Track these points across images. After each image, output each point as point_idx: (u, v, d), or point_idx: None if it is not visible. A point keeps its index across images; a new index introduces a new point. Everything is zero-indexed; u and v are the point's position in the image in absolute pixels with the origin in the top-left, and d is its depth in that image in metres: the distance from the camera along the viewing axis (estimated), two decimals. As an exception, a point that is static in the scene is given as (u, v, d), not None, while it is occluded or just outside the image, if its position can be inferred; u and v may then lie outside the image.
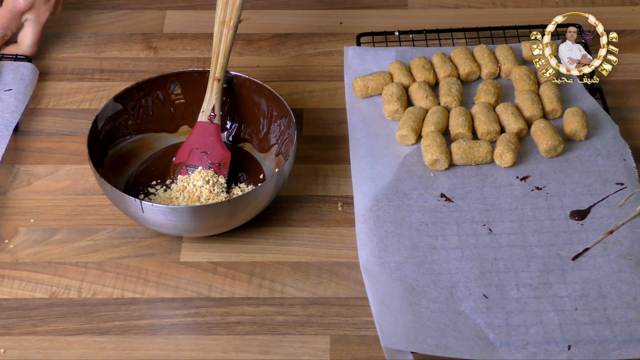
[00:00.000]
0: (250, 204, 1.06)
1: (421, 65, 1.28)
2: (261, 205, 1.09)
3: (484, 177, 1.16)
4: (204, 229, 1.08)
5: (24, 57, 1.32)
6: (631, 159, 1.17)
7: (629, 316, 1.01)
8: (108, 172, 1.14)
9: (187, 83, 1.19)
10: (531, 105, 1.21)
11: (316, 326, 1.03)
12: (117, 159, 1.17)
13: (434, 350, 0.98)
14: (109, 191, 1.06)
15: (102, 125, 1.15)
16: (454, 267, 1.06)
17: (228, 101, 1.21)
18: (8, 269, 1.09)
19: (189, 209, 1.04)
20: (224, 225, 1.08)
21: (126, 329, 1.03)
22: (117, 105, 1.17)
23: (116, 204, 1.08)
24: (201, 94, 1.19)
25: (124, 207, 1.06)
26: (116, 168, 1.16)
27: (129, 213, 1.07)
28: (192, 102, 1.20)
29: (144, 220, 1.06)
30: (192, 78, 1.19)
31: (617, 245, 1.08)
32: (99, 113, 1.14)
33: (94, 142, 1.13)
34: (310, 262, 1.09)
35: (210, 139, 1.15)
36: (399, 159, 1.18)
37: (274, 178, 1.07)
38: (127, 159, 1.18)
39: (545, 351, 0.99)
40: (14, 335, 1.03)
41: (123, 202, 1.05)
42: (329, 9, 1.44)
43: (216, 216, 1.06)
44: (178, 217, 1.04)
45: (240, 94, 1.20)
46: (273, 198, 1.10)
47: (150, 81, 1.18)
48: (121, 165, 1.17)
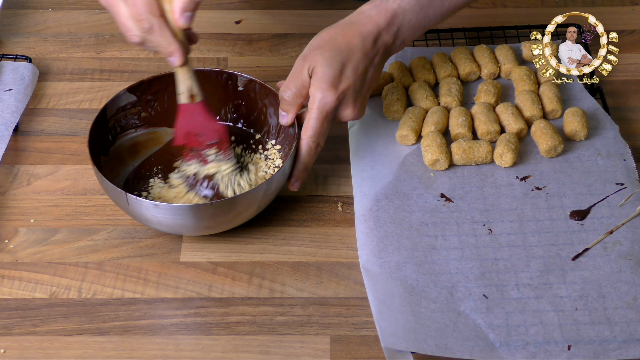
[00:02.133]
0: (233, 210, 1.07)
1: (421, 65, 1.28)
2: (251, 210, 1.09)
3: (484, 177, 1.16)
4: (197, 228, 1.08)
5: (24, 57, 1.32)
6: (631, 159, 1.17)
7: (629, 316, 1.01)
8: (112, 161, 1.15)
9: (204, 81, 1.19)
10: (531, 105, 1.21)
11: (316, 326, 1.03)
12: (124, 149, 1.17)
13: (434, 351, 0.98)
14: (101, 180, 1.07)
15: (112, 114, 1.15)
16: (454, 267, 1.06)
17: (243, 104, 1.21)
18: (8, 269, 1.09)
19: (173, 207, 1.04)
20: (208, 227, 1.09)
21: (126, 329, 1.03)
22: (131, 96, 1.17)
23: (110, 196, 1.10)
24: (217, 93, 1.19)
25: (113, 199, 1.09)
26: (121, 158, 1.17)
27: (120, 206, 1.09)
28: (207, 101, 1.20)
29: (132, 214, 1.08)
30: (209, 77, 1.19)
31: (617, 245, 1.08)
32: (109, 102, 1.15)
33: (99, 128, 1.13)
34: (310, 262, 1.09)
35: (199, 119, 1.12)
36: (399, 159, 1.18)
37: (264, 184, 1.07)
38: (136, 151, 1.18)
39: (545, 351, 0.99)
40: (14, 335, 1.03)
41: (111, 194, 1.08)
42: (329, 9, 1.44)
43: (201, 218, 1.06)
44: (160, 212, 1.04)
45: (255, 98, 1.20)
46: (273, 197, 1.11)
47: (167, 76, 1.17)
48: (127, 156, 1.18)
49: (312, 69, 1.10)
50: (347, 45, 1.10)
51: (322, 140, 1.11)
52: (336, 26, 1.12)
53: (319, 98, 1.09)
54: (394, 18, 1.11)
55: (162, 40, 1.05)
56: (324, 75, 1.09)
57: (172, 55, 1.06)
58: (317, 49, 1.10)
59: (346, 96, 1.11)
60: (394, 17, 1.11)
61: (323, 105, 1.09)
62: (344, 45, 1.10)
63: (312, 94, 1.10)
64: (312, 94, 1.10)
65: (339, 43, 1.10)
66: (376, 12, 1.11)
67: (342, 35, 1.10)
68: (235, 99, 1.21)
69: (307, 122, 1.10)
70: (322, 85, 1.09)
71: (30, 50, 1.37)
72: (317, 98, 1.09)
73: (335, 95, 1.09)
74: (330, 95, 1.09)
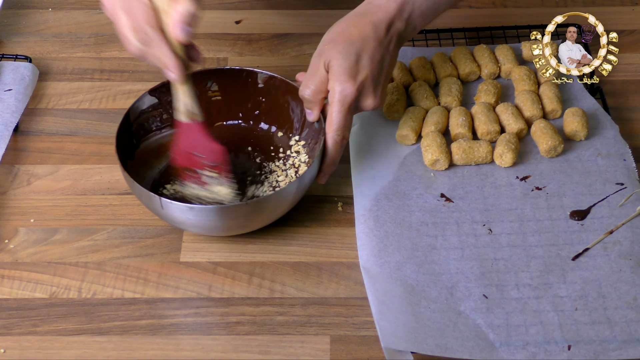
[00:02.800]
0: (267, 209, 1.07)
1: (421, 65, 1.28)
2: (284, 207, 1.09)
3: (484, 177, 1.16)
4: (224, 228, 1.08)
5: (24, 57, 1.32)
6: (631, 159, 1.17)
7: (629, 316, 1.01)
8: (137, 164, 1.14)
9: (224, 80, 1.18)
10: (531, 105, 1.21)
11: (316, 326, 1.03)
12: (149, 152, 1.17)
13: (434, 350, 0.98)
14: (132, 185, 1.06)
15: (135, 117, 1.15)
16: (454, 267, 1.06)
17: (264, 101, 1.20)
18: (8, 269, 1.09)
19: (208, 209, 1.04)
20: (242, 227, 1.08)
21: (126, 329, 1.03)
22: (152, 98, 1.17)
23: (141, 200, 1.09)
24: (238, 93, 1.19)
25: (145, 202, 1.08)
26: (147, 161, 1.16)
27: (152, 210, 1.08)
28: (230, 100, 1.19)
29: (165, 217, 1.07)
30: (228, 75, 1.18)
31: (617, 245, 1.08)
32: (132, 106, 1.14)
33: (124, 134, 1.12)
34: (310, 262, 1.09)
35: (199, 139, 1.10)
36: (399, 159, 1.18)
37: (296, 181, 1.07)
38: (161, 153, 1.18)
39: (545, 351, 0.99)
40: (14, 335, 1.03)
41: (144, 198, 1.07)
42: (329, 9, 1.44)
43: (234, 217, 1.05)
44: (197, 215, 1.04)
45: (276, 95, 1.19)
46: (297, 200, 1.10)
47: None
48: (152, 159, 1.17)
49: (328, 64, 1.10)
50: (360, 35, 1.10)
51: (347, 133, 1.11)
52: (347, 18, 1.12)
53: (339, 91, 1.09)
54: (404, 5, 1.11)
55: (158, 52, 1.03)
56: (340, 67, 1.09)
57: (168, 69, 1.04)
58: (330, 43, 1.10)
59: (365, 86, 1.10)
60: (404, 4, 1.11)
61: (344, 97, 1.09)
62: (357, 35, 1.10)
63: (332, 87, 1.10)
64: (331, 87, 1.10)
65: (351, 34, 1.10)
66: (385, 1, 1.11)
67: (354, 26, 1.10)
68: (256, 96, 1.20)
69: (329, 116, 1.10)
70: (340, 77, 1.09)
71: (30, 50, 1.37)
72: (337, 91, 1.09)
73: (354, 86, 1.09)
74: (350, 87, 1.09)
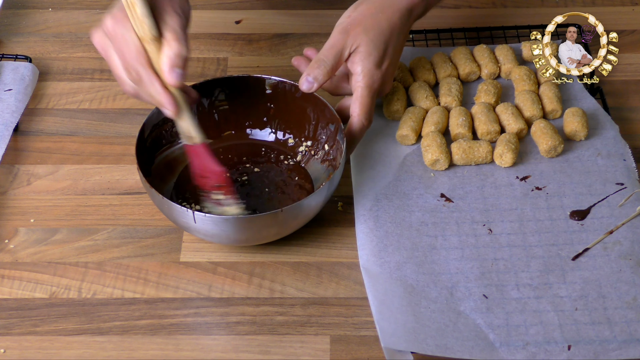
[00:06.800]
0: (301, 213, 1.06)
1: (421, 65, 1.28)
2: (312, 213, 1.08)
3: (484, 177, 1.16)
4: (256, 238, 1.08)
5: (24, 57, 1.32)
6: (631, 159, 1.17)
7: (629, 316, 1.01)
8: (155, 180, 1.12)
9: (231, 89, 1.17)
10: (531, 105, 1.22)
11: (316, 326, 1.03)
12: (163, 167, 1.16)
13: (434, 351, 0.98)
14: (160, 201, 1.05)
15: (148, 133, 1.13)
16: (454, 267, 1.06)
17: (272, 107, 1.20)
18: (8, 269, 1.09)
19: (239, 219, 1.03)
20: (277, 234, 1.08)
21: (126, 329, 1.03)
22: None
23: (165, 213, 1.07)
24: (245, 100, 1.19)
25: (174, 217, 1.06)
26: (162, 176, 1.15)
27: (180, 224, 1.06)
28: (236, 110, 1.19)
29: (196, 230, 1.06)
30: (236, 84, 1.18)
31: (617, 245, 1.08)
32: (145, 121, 1.12)
33: (141, 151, 1.10)
34: (310, 262, 1.09)
35: (202, 161, 1.09)
36: (399, 159, 1.18)
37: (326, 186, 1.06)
38: (173, 167, 1.17)
39: (545, 351, 0.99)
40: (14, 335, 1.03)
41: (174, 213, 1.04)
42: (329, 9, 1.44)
43: (269, 225, 1.05)
44: (230, 227, 1.03)
45: (284, 100, 1.19)
46: (323, 205, 1.10)
47: (194, 88, 1.15)
48: (167, 173, 1.16)
49: (356, 48, 1.13)
50: (389, 24, 1.14)
51: (371, 117, 1.14)
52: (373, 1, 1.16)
53: (368, 76, 1.13)
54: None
55: (151, 90, 1.02)
56: (370, 55, 1.13)
57: (162, 107, 1.04)
58: (359, 27, 1.13)
59: (386, 73, 1.15)
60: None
61: (372, 83, 1.13)
62: (386, 25, 1.14)
63: (357, 71, 1.13)
64: (355, 71, 1.13)
65: (381, 22, 1.14)
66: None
67: (383, 13, 1.14)
68: (265, 103, 1.19)
69: (356, 100, 1.13)
70: (369, 65, 1.12)
71: (30, 50, 1.37)
72: (365, 76, 1.13)
73: (380, 74, 1.14)
74: (377, 74, 1.13)
